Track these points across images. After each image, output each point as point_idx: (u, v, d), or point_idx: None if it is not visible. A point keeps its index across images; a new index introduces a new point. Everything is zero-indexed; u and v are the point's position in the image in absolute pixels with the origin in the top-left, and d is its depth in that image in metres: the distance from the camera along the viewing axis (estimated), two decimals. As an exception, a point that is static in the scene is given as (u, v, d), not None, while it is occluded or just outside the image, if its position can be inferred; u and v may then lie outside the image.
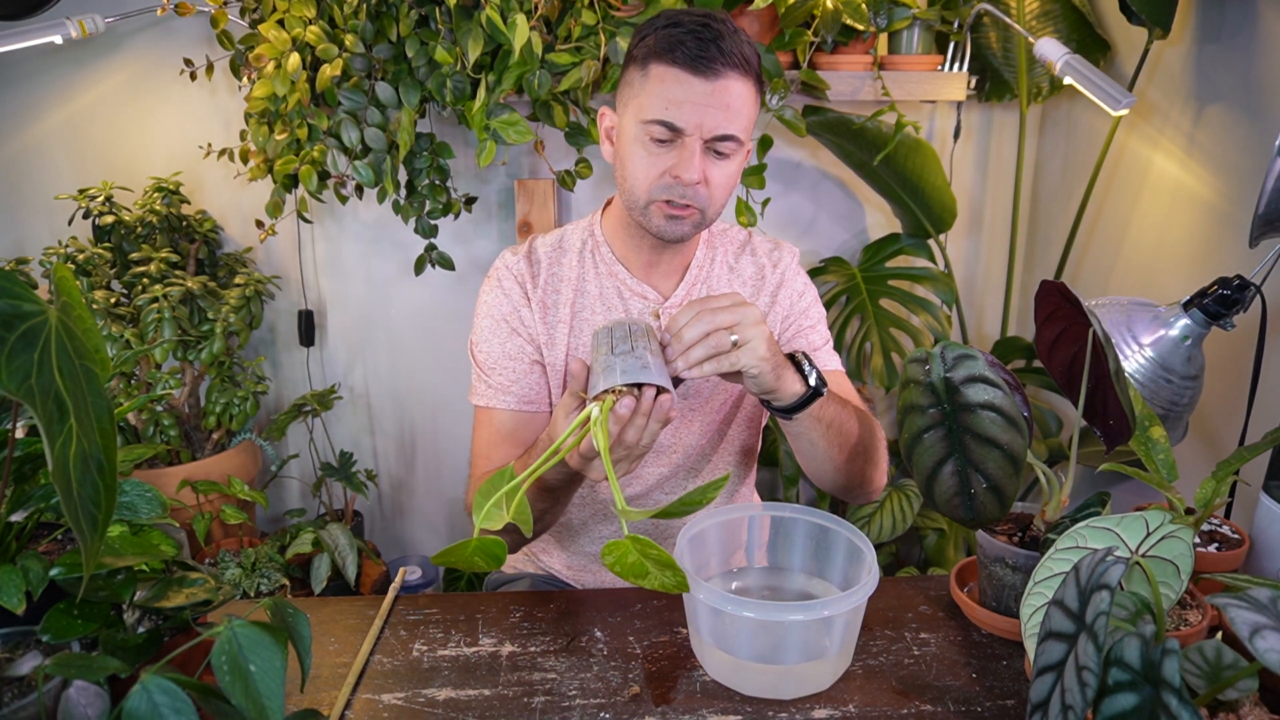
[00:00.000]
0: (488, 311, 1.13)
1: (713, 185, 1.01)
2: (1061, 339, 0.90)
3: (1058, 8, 1.76)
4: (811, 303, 1.19)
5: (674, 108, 0.96)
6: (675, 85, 0.96)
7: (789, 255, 1.20)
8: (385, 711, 0.79)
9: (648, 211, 1.03)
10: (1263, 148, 1.33)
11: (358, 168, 1.66)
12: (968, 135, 2.02)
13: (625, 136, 1.03)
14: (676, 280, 1.15)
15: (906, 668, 0.85)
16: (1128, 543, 0.70)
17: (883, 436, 1.12)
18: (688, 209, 1.02)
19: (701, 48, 0.95)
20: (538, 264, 1.14)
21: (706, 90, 0.96)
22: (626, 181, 1.03)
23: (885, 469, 1.13)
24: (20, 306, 0.49)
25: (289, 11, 1.62)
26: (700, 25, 0.96)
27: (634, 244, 1.12)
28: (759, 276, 1.18)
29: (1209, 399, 1.33)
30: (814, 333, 1.18)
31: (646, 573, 0.72)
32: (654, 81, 0.97)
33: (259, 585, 1.61)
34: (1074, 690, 0.55)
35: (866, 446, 1.06)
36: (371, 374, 2.18)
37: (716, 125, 0.97)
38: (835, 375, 1.17)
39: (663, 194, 1.00)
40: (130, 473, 0.85)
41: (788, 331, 1.18)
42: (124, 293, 1.82)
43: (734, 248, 1.20)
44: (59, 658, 0.55)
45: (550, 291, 1.14)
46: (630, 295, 1.14)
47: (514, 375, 1.11)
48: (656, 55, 0.97)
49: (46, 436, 0.47)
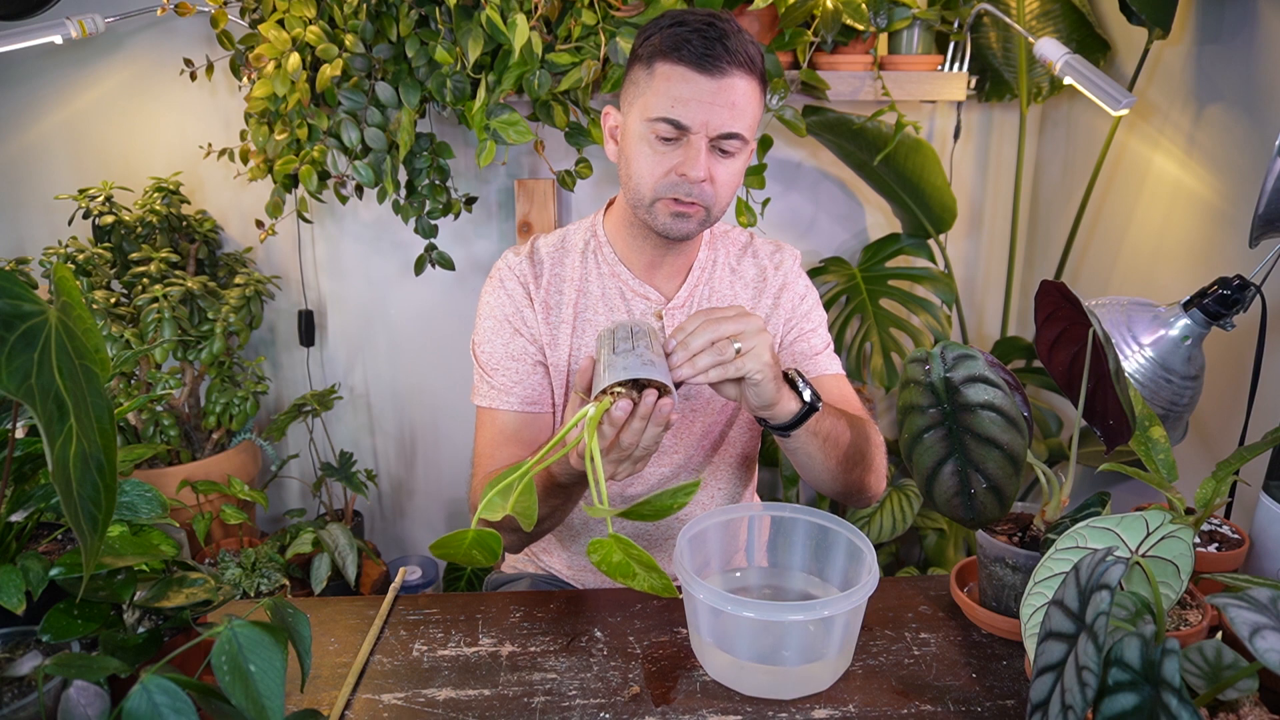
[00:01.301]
0: (490, 312, 1.13)
1: (718, 183, 1.02)
2: (1061, 339, 0.90)
3: (1058, 8, 1.76)
4: (813, 306, 1.19)
5: (680, 105, 0.97)
6: (681, 83, 0.97)
7: (790, 258, 1.20)
8: (385, 711, 0.79)
9: (653, 209, 1.03)
10: (1263, 148, 1.33)
11: (358, 168, 1.66)
12: (968, 135, 2.02)
13: (631, 135, 1.03)
14: (679, 281, 1.15)
15: (906, 668, 0.85)
16: (1128, 543, 0.70)
17: (880, 443, 1.12)
18: (693, 206, 1.02)
19: (707, 46, 0.95)
20: (540, 264, 1.14)
21: (712, 88, 0.96)
22: (632, 179, 1.04)
23: (884, 474, 1.12)
24: (20, 306, 0.49)
25: (289, 11, 1.62)
26: (706, 24, 0.97)
27: (636, 244, 1.12)
28: (760, 279, 1.18)
29: (1209, 399, 1.33)
30: (815, 336, 1.18)
31: (634, 573, 0.72)
32: (660, 79, 0.98)
33: (259, 585, 1.61)
34: (1074, 690, 0.55)
35: (863, 454, 1.06)
36: (371, 374, 2.18)
37: (722, 123, 0.98)
38: (836, 380, 1.17)
39: (669, 191, 1.01)
40: (130, 473, 0.85)
41: (790, 334, 1.18)
42: (124, 293, 1.82)
43: (736, 249, 1.20)
44: (59, 658, 0.55)
45: (553, 292, 1.14)
46: (633, 296, 1.14)
47: (516, 376, 1.11)
48: (662, 54, 0.98)
49: (46, 436, 0.47)
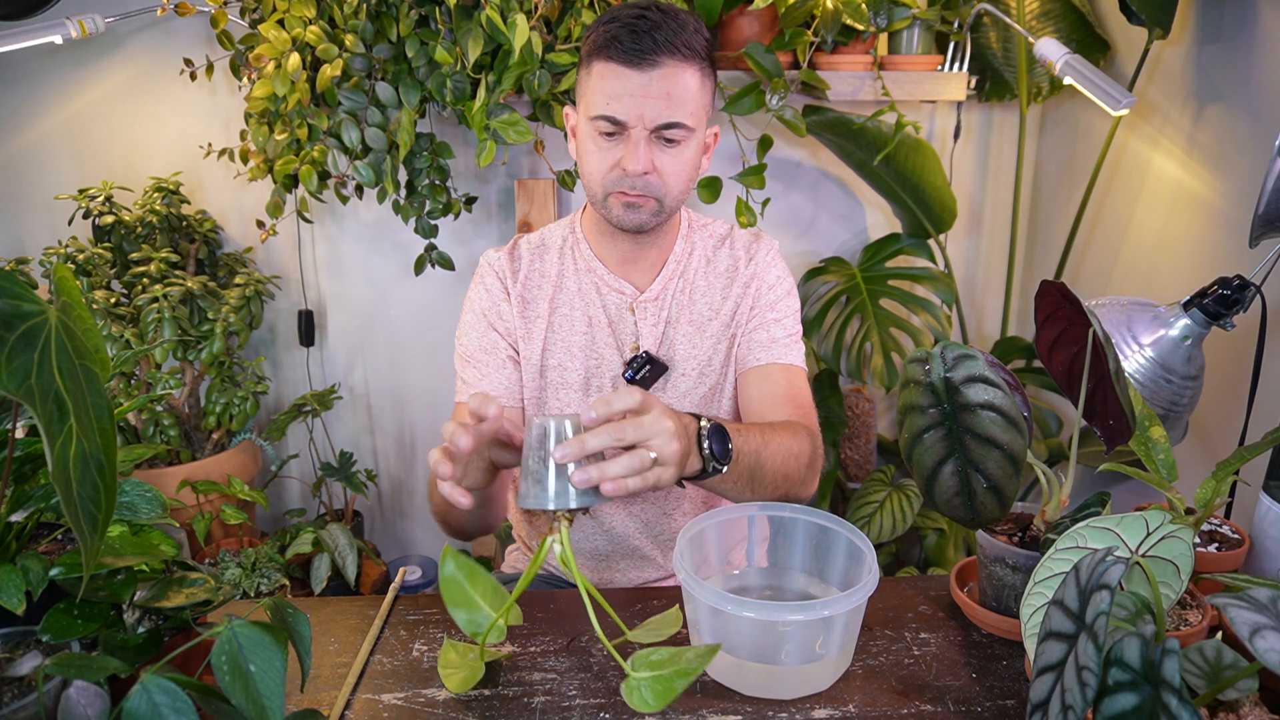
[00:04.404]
0: (470, 306, 1.17)
1: (665, 173, 1.03)
2: (1061, 339, 0.90)
3: (1058, 8, 1.76)
4: (782, 296, 1.18)
5: (614, 102, 0.99)
6: (613, 80, 0.99)
7: (766, 247, 1.19)
8: (385, 711, 0.79)
9: (607, 204, 1.06)
10: (1263, 148, 1.33)
11: (358, 168, 1.66)
12: (968, 135, 2.02)
13: (580, 133, 1.07)
14: (654, 274, 1.16)
15: (906, 668, 0.85)
16: (1128, 543, 0.70)
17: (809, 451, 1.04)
18: (642, 197, 1.04)
19: (635, 39, 0.97)
20: (519, 260, 1.17)
21: (642, 81, 0.98)
22: (585, 177, 1.07)
23: (814, 481, 1.06)
24: (20, 306, 0.49)
25: (289, 11, 1.62)
26: (636, 17, 0.98)
27: (609, 239, 1.14)
28: (733, 269, 1.18)
29: (1209, 399, 1.33)
30: (777, 326, 1.16)
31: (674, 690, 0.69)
32: (595, 78, 1.01)
33: (259, 585, 1.61)
34: (1074, 690, 0.55)
35: (787, 475, 1.00)
36: (371, 374, 2.18)
37: (658, 115, 0.99)
38: (785, 370, 1.14)
39: (615, 186, 1.04)
40: (130, 473, 0.85)
41: (751, 322, 1.16)
42: (124, 293, 1.82)
43: (713, 241, 1.20)
44: (59, 658, 0.55)
45: (531, 287, 1.16)
46: (607, 290, 1.15)
47: (487, 370, 1.13)
48: (596, 51, 1.00)
49: (46, 436, 0.47)
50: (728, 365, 1.18)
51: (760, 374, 1.14)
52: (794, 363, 1.16)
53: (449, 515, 1.03)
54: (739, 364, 1.17)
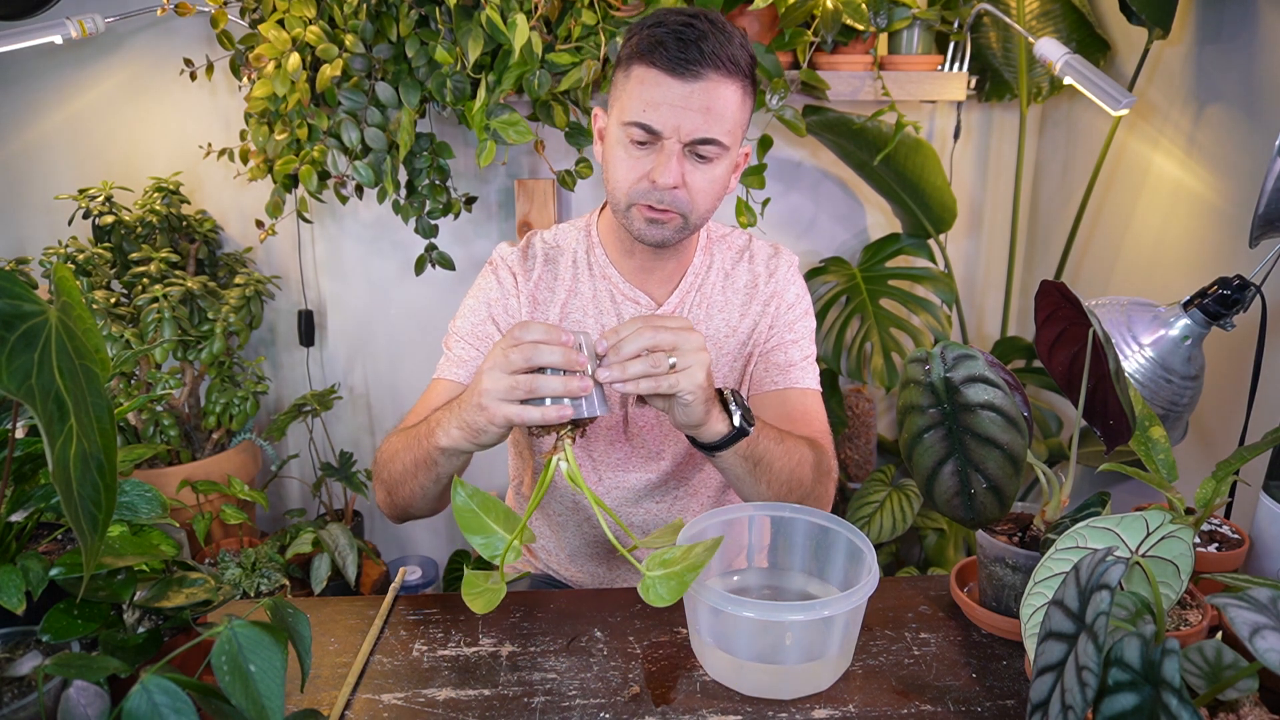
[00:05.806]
0: (475, 293, 1.15)
1: (693, 190, 0.99)
2: (1061, 339, 0.90)
3: (1058, 8, 1.76)
4: (800, 316, 1.16)
5: (651, 110, 0.95)
6: (654, 87, 0.95)
7: (786, 264, 1.18)
8: (385, 711, 0.79)
9: (629, 214, 1.02)
10: (1263, 148, 1.33)
11: (358, 168, 1.66)
12: (968, 135, 2.02)
13: (610, 138, 1.02)
14: (671, 287, 1.14)
15: (906, 668, 0.85)
16: (1128, 543, 0.70)
17: (828, 469, 1.05)
18: (668, 213, 1.00)
19: (682, 48, 0.93)
20: (533, 259, 1.15)
21: (685, 92, 0.94)
22: (610, 184, 1.03)
23: (825, 494, 1.06)
24: (20, 306, 0.49)
25: (289, 11, 1.62)
26: (684, 25, 0.95)
27: (627, 248, 1.11)
28: (752, 285, 1.16)
29: (1209, 399, 1.33)
30: (795, 348, 1.14)
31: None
32: (634, 83, 0.97)
33: (259, 585, 1.61)
34: (1074, 690, 0.55)
35: (800, 482, 1.00)
36: (371, 374, 2.18)
37: (695, 129, 0.95)
38: (802, 395, 1.13)
39: (642, 198, 0.99)
40: (130, 473, 0.85)
41: (769, 343, 1.15)
42: (124, 293, 1.82)
43: (732, 254, 1.18)
44: (59, 658, 0.55)
45: (543, 289, 1.14)
46: (623, 299, 1.13)
47: (474, 354, 1.12)
48: (639, 56, 0.96)
49: (46, 436, 0.47)
50: (742, 384, 1.17)
51: (777, 399, 1.12)
52: (810, 387, 1.14)
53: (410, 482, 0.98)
54: (754, 385, 1.15)
